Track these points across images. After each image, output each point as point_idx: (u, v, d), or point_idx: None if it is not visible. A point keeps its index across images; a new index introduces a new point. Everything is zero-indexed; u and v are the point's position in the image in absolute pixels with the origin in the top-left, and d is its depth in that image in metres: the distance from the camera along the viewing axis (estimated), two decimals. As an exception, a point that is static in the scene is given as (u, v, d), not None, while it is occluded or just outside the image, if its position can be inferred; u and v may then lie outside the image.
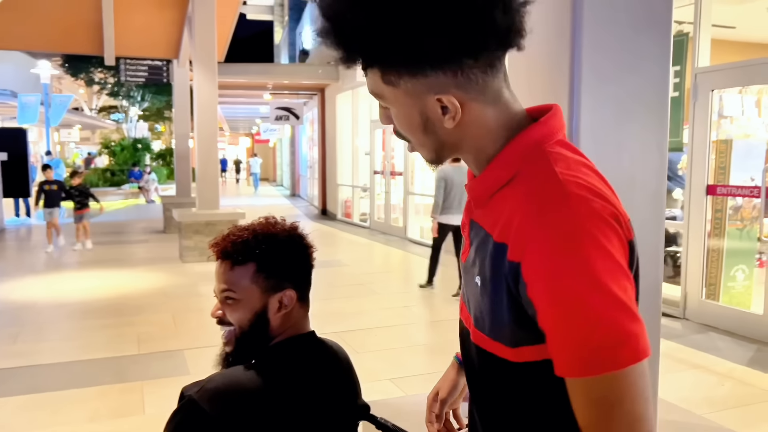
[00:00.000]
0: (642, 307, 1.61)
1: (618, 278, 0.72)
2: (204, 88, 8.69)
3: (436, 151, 0.89)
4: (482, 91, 0.82)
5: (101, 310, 6.03)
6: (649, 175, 1.54)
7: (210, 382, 1.16)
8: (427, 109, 0.83)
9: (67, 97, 21.16)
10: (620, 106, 1.51)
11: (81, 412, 3.59)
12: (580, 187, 0.76)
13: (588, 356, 0.70)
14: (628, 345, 0.69)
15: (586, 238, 0.72)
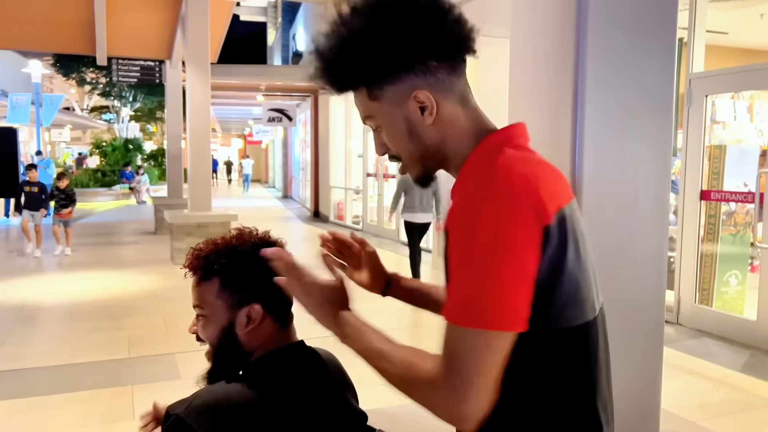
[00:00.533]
0: (645, 316, 1.59)
1: (503, 255, 0.81)
2: (197, 88, 8.64)
3: (422, 159, 1.00)
4: (450, 89, 0.97)
5: (91, 312, 5.96)
6: (652, 183, 1.52)
7: (197, 398, 1.12)
8: (409, 113, 0.97)
9: (58, 97, 21.00)
10: (624, 114, 1.49)
11: (70, 417, 3.53)
12: (507, 171, 0.85)
13: (453, 307, 0.84)
14: (482, 311, 0.81)
15: (493, 215, 0.82)
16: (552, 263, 0.84)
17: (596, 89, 1.45)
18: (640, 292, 1.54)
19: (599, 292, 0.99)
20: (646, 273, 1.55)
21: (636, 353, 1.57)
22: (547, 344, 0.88)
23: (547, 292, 0.85)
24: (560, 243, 0.85)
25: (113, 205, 19.49)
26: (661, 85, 1.52)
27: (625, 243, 1.50)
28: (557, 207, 0.86)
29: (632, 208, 1.50)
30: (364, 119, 1.03)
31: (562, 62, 1.46)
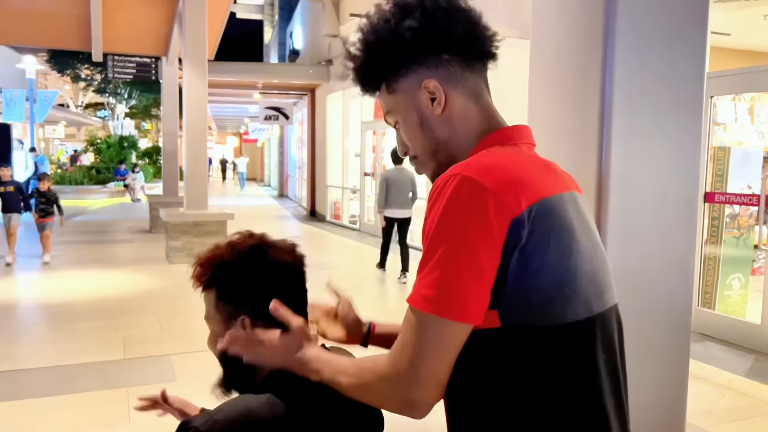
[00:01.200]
0: (671, 323, 1.52)
1: (456, 249, 0.83)
2: (194, 86, 8.54)
3: (435, 154, 1.03)
4: (461, 83, 1.00)
5: (85, 312, 5.86)
6: (681, 184, 1.45)
7: (219, 412, 1.03)
8: (420, 104, 1.01)
9: (52, 93, 20.84)
10: (653, 112, 1.41)
11: (63, 420, 3.44)
12: (469, 168, 0.87)
13: (415, 291, 0.87)
14: (434, 298, 0.84)
15: (447, 210, 0.85)
16: (526, 254, 0.83)
17: (625, 87, 1.37)
18: (666, 297, 1.47)
19: (607, 292, 0.94)
20: (673, 277, 1.48)
21: (660, 361, 1.49)
22: (529, 342, 0.85)
23: (524, 285, 0.83)
24: (537, 234, 0.84)
25: (107, 202, 19.34)
26: (691, 83, 1.45)
27: (652, 246, 1.43)
28: (535, 198, 0.85)
29: (660, 210, 1.43)
30: (386, 116, 1.08)
31: (588, 60, 1.39)
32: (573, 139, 1.41)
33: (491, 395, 0.88)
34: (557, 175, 0.97)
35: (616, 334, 0.97)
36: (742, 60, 7.40)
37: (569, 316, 0.86)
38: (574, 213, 0.91)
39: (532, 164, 0.93)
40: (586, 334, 0.88)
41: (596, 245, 0.95)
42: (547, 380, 0.86)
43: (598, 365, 0.89)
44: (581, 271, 0.88)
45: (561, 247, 0.86)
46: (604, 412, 0.89)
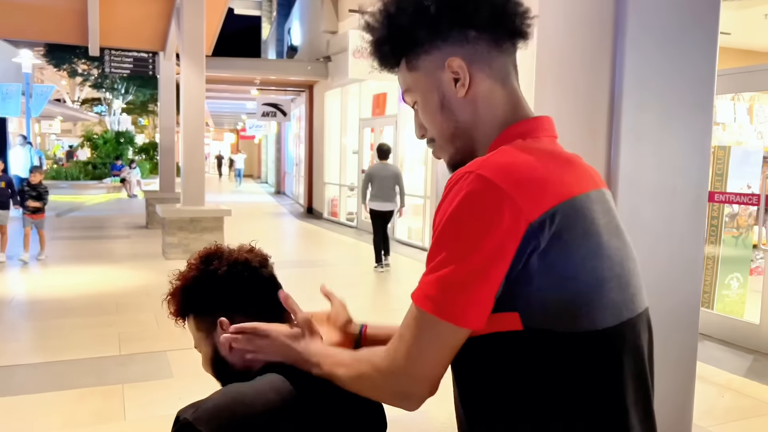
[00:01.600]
0: (679, 323, 1.49)
1: (463, 253, 0.80)
2: (191, 81, 8.49)
3: (453, 138, 0.96)
4: (487, 63, 0.93)
5: (80, 308, 5.81)
6: (691, 181, 1.42)
7: (207, 401, 1.01)
8: (443, 85, 0.94)
9: (48, 88, 20.71)
10: (663, 108, 1.38)
11: (57, 417, 3.40)
12: (495, 168, 0.82)
13: (419, 288, 0.84)
14: (435, 298, 0.81)
15: (467, 210, 0.81)
16: (549, 259, 0.79)
17: (634, 83, 1.34)
18: (674, 296, 1.45)
19: (637, 295, 0.89)
20: (680, 276, 1.45)
21: (667, 360, 1.46)
22: (553, 348, 0.81)
23: (547, 290, 0.80)
24: (561, 238, 0.79)
25: (104, 198, 19.27)
26: (701, 79, 1.42)
27: (660, 246, 1.40)
28: (558, 200, 0.81)
29: (669, 207, 1.40)
30: (404, 94, 1.01)
31: (597, 56, 1.36)
32: (581, 135, 1.38)
33: (510, 399, 0.84)
34: (582, 171, 0.90)
35: (646, 341, 0.92)
36: (742, 60, 7.39)
37: (597, 323, 0.82)
38: (602, 212, 0.86)
39: (555, 162, 0.87)
40: (614, 341, 0.84)
41: (626, 244, 0.90)
42: (569, 388, 0.82)
43: (623, 375, 0.85)
44: (610, 274, 0.83)
45: (587, 251, 0.81)
46: (627, 425, 0.85)
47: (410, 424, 1.80)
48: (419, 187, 10.46)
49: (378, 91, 12.40)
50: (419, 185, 10.50)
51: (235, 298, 1.16)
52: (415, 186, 10.53)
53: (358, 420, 1.16)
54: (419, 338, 0.84)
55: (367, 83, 12.39)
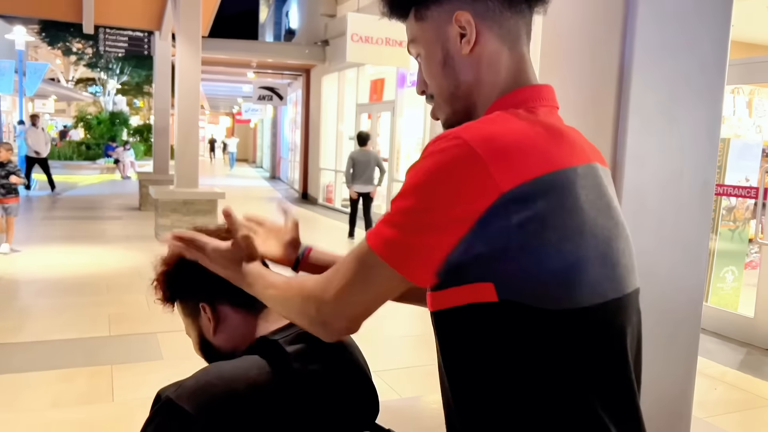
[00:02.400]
0: (681, 311, 1.45)
1: (433, 209, 0.78)
2: (186, 62, 8.38)
3: (452, 99, 0.93)
4: (498, 22, 0.89)
5: (70, 288, 5.76)
6: (699, 165, 1.37)
7: (189, 379, 1.00)
8: (448, 40, 0.90)
9: (42, 65, 20.50)
10: (673, 90, 1.33)
11: (44, 397, 3.36)
12: (478, 134, 0.79)
13: (376, 228, 0.83)
14: (388, 243, 0.81)
15: (439, 169, 0.79)
16: (525, 233, 0.76)
17: (645, 59, 1.29)
18: (679, 281, 1.41)
19: (626, 276, 0.85)
20: (685, 261, 1.41)
21: (669, 348, 1.43)
22: (528, 323, 0.78)
23: (523, 265, 0.76)
24: (538, 211, 0.76)
25: (97, 179, 19.13)
26: (713, 64, 1.37)
27: (666, 231, 1.36)
28: (539, 172, 0.78)
29: (676, 190, 1.36)
30: (409, 45, 0.98)
31: (610, 26, 1.30)
32: (586, 111, 1.33)
33: (488, 371, 0.81)
34: (574, 144, 0.86)
35: (634, 322, 0.89)
36: (743, 52, 7.34)
37: (576, 301, 0.78)
38: (590, 188, 0.82)
39: (544, 133, 0.83)
40: (594, 320, 0.80)
41: (617, 224, 0.86)
42: (545, 364, 0.79)
43: (603, 355, 0.82)
44: (593, 253, 0.80)
45: (568, 228, 0.78)
46: (598, 409, 0.82)
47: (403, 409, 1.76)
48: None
49: (376, 76, 12.30)
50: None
51: (216, 283, 1.12)
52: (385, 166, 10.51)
53: (348, 400, 1.12)
54: (356, 274, 0.84)
55: (365, 68, 12.28)
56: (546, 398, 0.79)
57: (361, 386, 1.16)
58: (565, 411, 0.80)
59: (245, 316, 1.16)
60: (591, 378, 0.81)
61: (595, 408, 0.81)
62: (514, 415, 0.80)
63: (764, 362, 4.42)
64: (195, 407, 0.93)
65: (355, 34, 8.45)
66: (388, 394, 3.44)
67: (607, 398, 0.82)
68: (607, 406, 0.82)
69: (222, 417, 0.94)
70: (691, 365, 1.47)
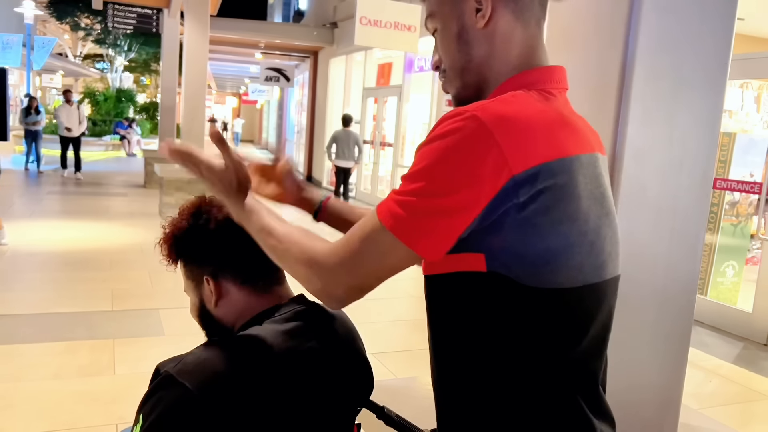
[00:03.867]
0: (675, 301, 1.47)
1: (446, 188, 0.79)
2: (194, 41, 8.36)
3: (463, 73, 0.94)
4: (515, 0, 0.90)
5: (74, 262, 5.81)
6: (699, 157, 1.39)
7: (189, 355, 1.01)
8: (464, 14, 0.91)
9: (50, 40, 20.46)
10: (675, 82, 1.34)
11: (46, 368, 3.41)
12: (494, 114, 0.80)
13: (386, 204, 0.83)
14: (401, 219, 0.81)
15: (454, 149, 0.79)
16: (525, 215, 0.79)
17: (648, 50, 1.30)
18: (673, 271, 1.42)
19: (609, 263, 0.89)
20: (681, 251, 1.43)
21: (661, 336, 1.45)
22: (511, 296, 0.82)
23: (516, 243, 0.80)
24: (541, 196, 0.79)
25: (102, 155, 19.16)
26: (716, 57, 1.37)
27: (663, 221, 1.37)
28: (547, 158, 0.80)
29: (675, 180, 1.37)
30: (426, 19, 0.99)
31: (615, 15, 1.31)
32: (588, 99, 1.34)
33: (470, 340, 0.86)
34: (580, 133, 0.88)
35: (608, 307, 0.92)
36: (754, 46, 7.28)
37: (558, 282, 0.82)
38: (589, 177, 0.85)
39: (554, 119, 0.85)
40: (575, 303, 0.85)
41: (608, 213, 0.89)
42: (523, 337, 0.83)
43: (577, 335, 0.86)
44: (582, 239, 0.83)
45: (564, 213, 0.81)
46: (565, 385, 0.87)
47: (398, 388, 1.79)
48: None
49: (383, 61, 12.24)
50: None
51: (223, 254, 1.15)
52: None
53: (344, 378, 1.14)
54: (367, 248, 0.84)
55: (373, 52, 12.22)
56: (518, 368, 0.84)
57: (357, 364, 1.19)
58: (535, 381, 0.84)
59: (248, 293, 1.16)
60: (559, 352, 0.85)
61: (563, 380, 0.86)
62: (488, 381, 0.85)
63: (760, 357, 4.45)
64: (195, 383, 0.94)
65: (364, 17, 8.39)
66: (385, 376, 3.47)
67: (573, 373, 0.87)
68: (574, 380, 0.87)
69: (221, 394, 0.95)
70: (682, 355, 1.49)
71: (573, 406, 0.86)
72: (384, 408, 1.23)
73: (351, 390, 1.17)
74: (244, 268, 1.16)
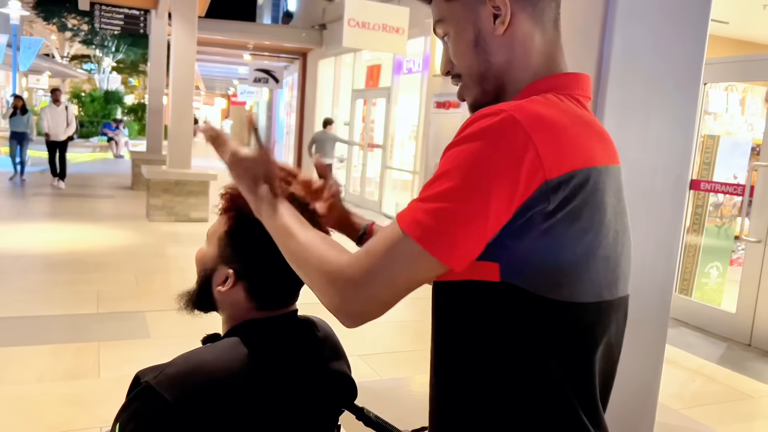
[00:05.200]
0: (652, 305, 1.49)
1: (477, 191, 0.75)
2: (182, 42, 8.33)
3: (482, 79, 0.91)
4: (532, 3, 0.87)
5: (59, 264, 5.77)
6: (673, 161, 1.41)
7: (170, 366, 1.00)
8: (480, 20, 0.88)
9: (37, 41, 20.31)
10: (649, 87, 1.36)
11: (30, 371, 3.39)
12: (529, 113, 0.77)
13: (409, 212, 0.79)
14: (428, 229, 0.76)
15: (489, 148, 0.76)
16: (550, 222, 0.76)
17: (622, 57, 1.32)
18: (649, 275, 1.44)
19: (622, 280, 0.88)
20: (657, 255, 1.45)
21: (636, 340, 1.47)
22: (523, 308, 0.79)
23: (536, 251, 0.77)
24: (569, 204, 0.76)
25: (89, 157, 19.04)
26: (689, 62, 1.40)
27: (638, 226, 1.39)
28: (579, 165, 0.77)
29: (650, 186, 1.39)
30: (435, 24, 0.95)
31: (587, 26, 1.32)
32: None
33: (476, 350, 0.83)
34: (608, 143, 0.86)
35: (618, 326, 0.90)
36: (738, 50, 7.37)
37: (573, 296, 0.79)
38: (613, 191, 0.83)
39: (585, 126, 0.83)
40: (585, 317, 0.82)
41: (625, 229, 0.88)
42: (532, 351, 0.80)
43: (587, 353, 0.84)
44: (602, 253, 0.81)
45: (588, 224, 0.79)
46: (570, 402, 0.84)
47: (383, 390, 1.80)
48: (409, 162, 10.43)
49: (372, 62, 12.26)
50: (409, 160, 10.47)
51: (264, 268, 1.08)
52: (405, 161, 10.51)
53: (324, 388, 1.15)
54: (391, 261, 0.78)
55: (362, 54, 12.24)
56: (521, 380, 0.81)
57: (338, 377, 1.19)
58: (539, 395, 0.82)
59: (246, 302, 1.11)
60: (567, 368, 0.82)
61: (568, 397, 0.83)
62: (490, 391, 0.83)
63: (744, 357, 4.50)
64: (174, 395, 0.94)
65: (352, 19, 8.41)
66: (371, 377, 3.48)
67: (579, 391, 0.84)
68: (579, 397, 0.84)
69: (201, 407, 0.95)
70: (658, 356, 1.51)
71: (575, 421, 0.84)
72: (363, 409, 1.24)
73: (331, 400, 1.17)
74: (262, 283, 1.10)
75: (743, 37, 7.69)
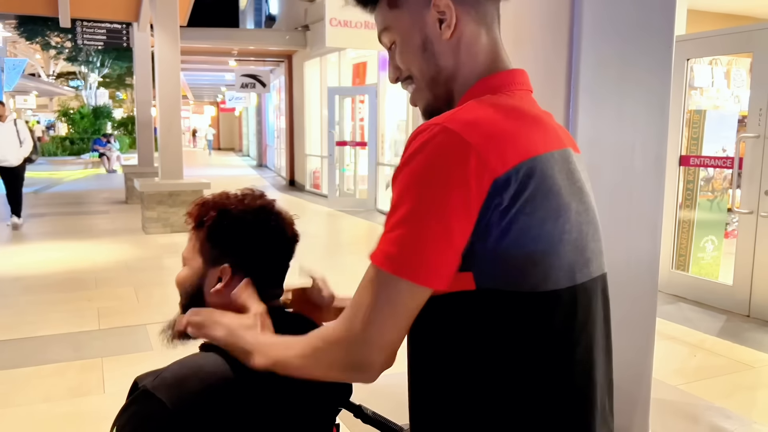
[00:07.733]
0: (638, 281, 1.51)
1: (426, 210, 0.76)
2: (165, 53, 8.32)
3: (432, 84, 0.92)
4: (474, 6, 0.90)
5: (59, 283, 5.77)
6: (651, 139, 1.42)
7: (167, 370, 1.02)
8: (427, 26, 0.90)
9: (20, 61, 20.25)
10: (622, 68, 1.38)
11: (36, 392, 3.40)
12: (462, 121, 0.79)
13: (377, 247, 0.80)
14: (396, 258, 0.78)
15: (431, 164, 0.78)
16: (509, 217, 0.77)
17: (593, 40, 1.33)
18: (634, 254, 1.46)
19: (594, 260, 0.88)
20: (640, 234, 1.47)
21: (626, 320, 1.49)
22: (504, 308, 0.79)
23: (503, 248, 0.78)
24: (522, 196, 0.78)
25: (82, 174, 19.00)
26: (661, 39, 1.41)
27: (620, 205, 1.41)
28: (523, 157, 0.79)
29: (629, 169, 1.41)
30: (380, 33, 0.97)
31: (557, 10, 1.34)
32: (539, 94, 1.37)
33: (460, 360, 0.83)
34: (550, 130, 0.89)
35: (600, 306, 0.91)
36: (721, 23, 7.38)
37: (549, 284, 0.81)
38: (565, 173, 0.85)
39: (521, 118, 0.86)
40: (564, 304, 0.83)
41: (588, 208, 0.89)
42: (515, 349, 0.81)
43: (573, 339, 0.84)
44: (567, 237, 0.82)
45: (547, 211, 0.80)
46: (574, 388, 0.85)
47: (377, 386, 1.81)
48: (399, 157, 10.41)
49: (358, 60, 12.25)
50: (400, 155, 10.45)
51: (253, 259, 1.13)
52: (396, 157, 10.49)
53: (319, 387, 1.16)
54: (377, 301, 0.79)
55: (347, 52, 12.23)
56: (506, 382, 0.81)
57: None
58: (524, 393, 0.82)
59: None
60: (552, 359, 0.83)
61: (556, 388, 0.83)
62: (470, 397, 0.82)
63: (743, 328, 4.53)
64: (172, 399, 0.95)
65: (334, 19, 8.41)
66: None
67: (565, 381, 0.84)
68: (565, 388, 0.84)
69: (197, 409, 0.97)
70: (650, 331, 1.53)
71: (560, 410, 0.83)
72: (361, 406, 1.25)
73: (327, 399, 1.19)
74: (257, 277, 1.14)
75: (726, 10, 7.71)
